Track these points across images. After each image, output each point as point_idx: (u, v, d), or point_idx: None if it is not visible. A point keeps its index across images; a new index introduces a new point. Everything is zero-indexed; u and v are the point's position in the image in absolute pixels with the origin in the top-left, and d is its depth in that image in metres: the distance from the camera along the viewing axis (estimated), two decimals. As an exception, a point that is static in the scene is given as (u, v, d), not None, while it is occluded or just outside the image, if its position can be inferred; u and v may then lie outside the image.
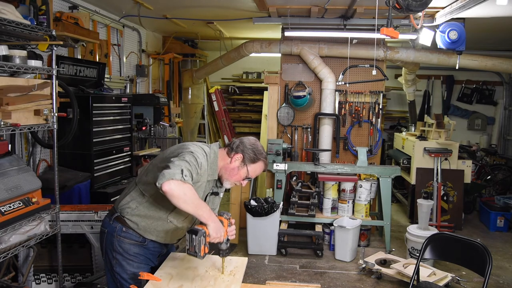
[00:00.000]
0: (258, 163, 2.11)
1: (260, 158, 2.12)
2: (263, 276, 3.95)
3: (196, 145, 2.05)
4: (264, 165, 2.16)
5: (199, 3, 4.48)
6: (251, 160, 2.10)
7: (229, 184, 2.14)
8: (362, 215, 4.84)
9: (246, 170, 2.10)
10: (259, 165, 2.12)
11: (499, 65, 5.15)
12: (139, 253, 2.10)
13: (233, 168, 2.09)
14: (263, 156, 2.13)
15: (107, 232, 2.11)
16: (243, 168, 2.10)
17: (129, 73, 5.53)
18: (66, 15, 3.82)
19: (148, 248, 2.13)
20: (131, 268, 2.10)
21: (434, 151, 5.31)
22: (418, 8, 2.99)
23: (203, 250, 1.84)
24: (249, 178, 2.14)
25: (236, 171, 2.10)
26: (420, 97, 7.70)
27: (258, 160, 2.11)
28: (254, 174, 2.14)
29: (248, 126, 7.88)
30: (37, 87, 2.82)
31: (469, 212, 6.07)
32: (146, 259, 2.13)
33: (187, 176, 1.84)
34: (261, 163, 2.14)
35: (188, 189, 1.81)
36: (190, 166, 1.89)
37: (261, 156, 2.13)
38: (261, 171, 2.17)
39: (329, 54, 5.18)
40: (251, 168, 2.10)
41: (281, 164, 4.74)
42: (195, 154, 1.96)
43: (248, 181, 2.17)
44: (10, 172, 2.69)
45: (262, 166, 2.15)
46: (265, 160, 2.15)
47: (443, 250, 2.82)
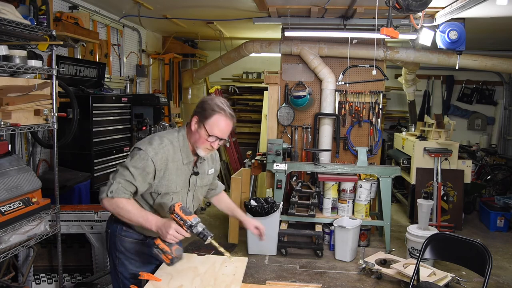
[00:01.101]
0: (213, 117, 1.94)
1: (215, 111, 1.94)
2: (263, 276, 3.95)
3: (152, 140, 1.97)
4: (223, 117, 1.95)
5: (199, 3, 4.48)
6: (204, 116, 1.95)
7: (201, 152, 2.01)
8: (362, 215, 4.84)
9: (204, 128, 1.95)
10: (215, 118, 1.94)
11: (499, 65, 5.15)
12: (140, 251, 2.09)
13: (193, 133, 1.99)
14: (219, 108, 1.95)
15: (110, 232, 2.11)
16: (201, 128, 1.96)
17: (129, 73, 5.53)
18: (66, 15, 3.82)
19: (150, 245, 2.09)
20: (133, 267, 2.09)
21: (434, 151, 5.32)
22: (418, 8, 2.99)
23: (166, 257, 1.85)
24: (217, 138, 1.97)
25: (197, 135, 1.98)
26: (420, 97, 7.70)
27: (213, 114, 1.94)
28: (218, 131, 1.96)
29: (248, 126, 7.88)
30: (37, 87, 2.82)
31: (469, 212, 6.07)
32: (149, 257, 2.11)
33: (115, 190, 1.87)
34: (218, 116, 1.94)
35: (116, 205, 1.88)
36: (124, 177, 1.90)
37: (217, 108, 1.95)
38: (226, 126, 1.98)
39: (329, 54, 5.18)
40: (208, 125, 1.94)
41: (281, 164, 4.74)
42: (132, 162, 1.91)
43: (218, 141, 2.00)
44: (10, 172, 2.70)
45: (220, 119, 1.95)
46: (223, 111, 1.95)
47: (443, 250, 2.82)
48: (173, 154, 1.98)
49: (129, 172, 1.91)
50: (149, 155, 1.92)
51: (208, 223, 5.62)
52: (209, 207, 6.34)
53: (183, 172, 2.04)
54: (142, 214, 1.90)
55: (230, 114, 1.99)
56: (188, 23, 5.59)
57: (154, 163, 1.92)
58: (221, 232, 5.20)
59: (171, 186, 2.01)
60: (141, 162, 1.92)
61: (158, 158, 1.93)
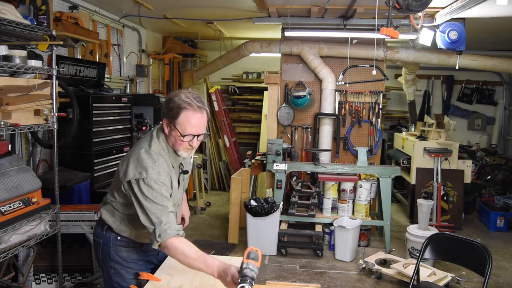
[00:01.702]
0: (181, 115, 1.77)
1: (181, 108, 1.77)
2: (263, 276, 3.95)
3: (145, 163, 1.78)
4: (191, 112, 1.77)
5: (199, 3, 4.48)
6: (172, 116, 1.79)
7: (182, 154, 1.88)
8: (362, 215, 4.84)
9: (176, 129, 1.80)
10: (184, 116, 1.77)
11: (499, 65, 5.15)
12: (137, 258, 2.04)
13: (169, 136, 1.85)
14: (184, 103, 1.77)
15: (102, 243, 2.01)
16: (173, 130, 1.81)
17: (129, 73, 5.53)
18: (66, 15, 3.82)
19: (147, 251, 2.06)
20: (130, 276, 2.02)
21: (434, 151, 5.32)
22: (418, 8, 2.99)
23: None
24: (193, 135, 1.82)
25: (173, 138, 1.84)
26: (420, 97, 7.69)
27: (180, 112, 1.77)
28: (191, 129, 1.79)
29: (248, 126, 7.88)
30: (37, 87, 2.82)
31: (469, 212, 6.07)
32: (146, 263, 2.07)
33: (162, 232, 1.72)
34: (185, 113, 1.77)
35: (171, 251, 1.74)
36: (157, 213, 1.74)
37: (183, 104, 1.77)
38: (197, 120, 1.79)
39: (329, 54, 5.18)
40: (179, 125, 1.78)
41: (281, 164, 4.74)
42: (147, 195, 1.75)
43: (196, 138, 1.83)
44: (10, 172, 2.70)
45: (189, 115, 1.77)
46: (189, 106, 1.77)
47: (443, 250, 2.82)
48: (166, 164, 1.87)
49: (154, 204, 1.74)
50: (153, 178, 1.76)
51: (208, 223, 5.63)
52: (209, 207, 6.35)
53: (177, 176, 1.98)
54: (202, 258, 1.74)
55: (198, 107, 1.80)
56: (188, 23, 5.59)
57: (165, 184, 1.80)
58: (221, 232, 5.20)
59: (177, 196, 1.96)
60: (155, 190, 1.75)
61: (164, 179, 1.81)
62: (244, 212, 4.57)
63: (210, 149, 7.37)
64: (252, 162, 5.27)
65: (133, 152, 1.87)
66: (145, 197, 1.75)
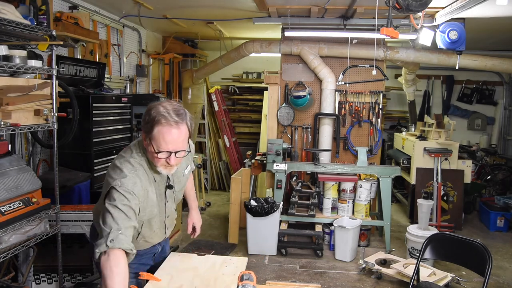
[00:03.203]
0: (155, 129, 1.66)
1: (156, 122, 1.65)
2: (263, 276, 3.95)
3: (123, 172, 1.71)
4: (166, 127, 1.64)
5: (199, 3, 4.48)
6: (147, 130, 1.69)
7: (161, 170, 1.78)
8: (362, 215, 4.84)
9: (151, 145, 1.70)
10: (157, 131, 1.65)
11: (499, 65, 5.15)
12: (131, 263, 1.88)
13: (147, 151, 1.76)
14: (160, 116, 1.65)
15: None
16: (149, 145, 1.71)
17: (129, 73, 5.53)
18: (66, 15, 3.82)
19: (140, 255, 2.00)
20: None
21: (434, 151, 5.32)
22: (418, 8, 2.99)
23: None
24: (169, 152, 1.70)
25: (150, 153, 1.74)
26: (420, 97, 7.69)
27: (154, 126, 1.66)
28: (165, 145, 1.67)
29: (248, 126, 7.88)
30: (37, 87, 2.82)
31: (469, 212, 6.07)
32: (139, 266, 2.03)
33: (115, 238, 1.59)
34: (159, 128, 1.65)
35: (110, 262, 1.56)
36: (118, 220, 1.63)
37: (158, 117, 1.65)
38: (173, 136, 1.66)
39: (329, 54, 5.18)
40: (153, 140, 1.68)
41: (281, 164, 4.74)
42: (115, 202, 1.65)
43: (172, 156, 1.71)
44: (10, 172, 2.70)
45: (163, 131, 1.65)
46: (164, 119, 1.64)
47: (443, 250, 2.82)
48: (147, 177, 1.80)
49: (120, 212, 1.64)
50: (128, 188, 1.68)
51: (208, 223, 5.63)
52: (209, 207, 6.35)
53: (159, 190, 1.90)
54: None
55: (175, 122, 1.66)
56: (188, 23, 5.59)
57: (138, 197, 1.71)
58: (221, 232, 5.20)
59: (152, 211, 1.87)
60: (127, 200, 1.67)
61: (137, 190, 1.72)
62: (244, 212, 4.57)
63: (210, 149, 7.37)
64: (252, 162, 5.27)
65: (115, 161, 1.80)
66: (114, 205, 1.65)
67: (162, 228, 2.05)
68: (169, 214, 2.05)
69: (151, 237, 2.02)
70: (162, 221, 2.03)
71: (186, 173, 2.06)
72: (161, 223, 2.02)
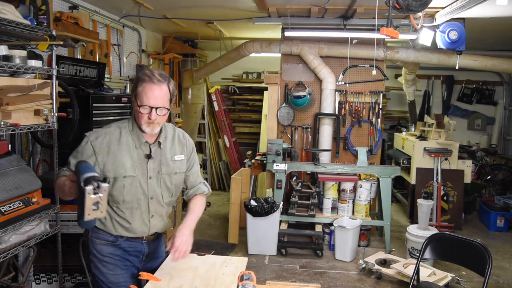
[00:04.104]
0: (140, 86, 1.86)
1: (141, 80, 1.86)
2: (263, 276, 3.95)
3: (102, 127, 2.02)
4: (149, 84, 1.84)
5: (199, 3, 4.48)
6: (134, 91, 1.89)
7: (145, 128, 1.91)
8: (362, 215, 4.84)
9: (135, 102, 1.88)
10: (141, 87, 1.85)
11: (499, 65, 5.15)
12: (113, 253, 2.01)
13: (135, 112, 1.92)
14: (144, 75, 1.86)
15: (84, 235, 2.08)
16: (134, 103, 1.90)
17: (129, 73, 5.53)
18: (66, 15, 3.82)
19: (123, 248, 2.03)
20: (107, 270, 2.01)
21: (434, 151, 5.32)
22: (418, 8, 2.99)
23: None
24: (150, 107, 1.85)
25: (135, 112, 1.92)
26: (420, 97, 7.69)
27: (139, 84, 1.86)
28: (146, 99, 1.84)
29: (248, 126, 7.88)
30: (37, 87, 2.82)
31: (469, 212, 6.07)
32: (123, 260, 2.04)
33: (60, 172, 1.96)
34: (143, 84, 1.85)
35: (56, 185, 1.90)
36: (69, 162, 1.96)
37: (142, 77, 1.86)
38: (154, 91, 1.84)
39: (329, 54, 5.18)
40: (137, 96, 1.87)
41: (281, 164, 4.74)
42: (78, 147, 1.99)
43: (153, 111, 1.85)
44: (10, 172, 2.69)
45: (146, 86, 1.84)
46: (148, 77, 1.84)
47: (443, 250, 2.82)
48: (119, 137, 1.94)
49: (72, 156, 1.96)
50: (89, 139, 1.95)
51: (208, 223, 5.63)
52: (209, 207, 6.35)
53: (137, 156, 1.95)
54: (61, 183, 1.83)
55: (158, 80, 1.85)
56: (188, 23, 5.59)
57: (93, 146, 1.93)
58: (221, 232, 5.20)
59: (118, 170, 1.92)
60: (81, 146, 1.96)
61: (97, 142, 1.93)
62: (244, 212, 4.57)
63: (210, 149, 7.37)
64: (252, 162, 5.27)
65: None
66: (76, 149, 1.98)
67: (145, 212, 2.00)
68: (153, 195, 2.00)
69: (130, 217, 1.98)
70: (145, 200, 1.98)
71: (176, 159, 2.05)
72: (140, 200, 1.97)
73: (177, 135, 2.09)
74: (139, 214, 2.00)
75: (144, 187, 1.97)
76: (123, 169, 1.92)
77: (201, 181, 2.20)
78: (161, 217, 2.09)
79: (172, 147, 2.05)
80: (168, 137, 2.05)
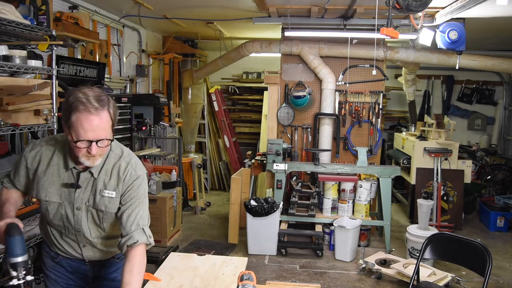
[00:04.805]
0: (73, 117, 1.53)
1: (73, 108, 1.53)
2: (263, 276, 3.95)
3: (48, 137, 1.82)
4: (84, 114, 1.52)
5: (199, 3, 4.48)
6: (65, 118, 1.57)
7: (85, 161, 1.63)
8: (362, 215, 4.84)
9: (70, 134, 1.57)
10: (75, 118, 1.53)
11: (499, 65, 5.15)
12: (54, 268, 1.87)
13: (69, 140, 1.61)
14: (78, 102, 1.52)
15: None
16: (68, 133, 1.59)
17: (129, 73, 5.53)
18: (66, 15, 3.82)
19: (63, 266, 1.86)
20: (49, 284, 1.89)
21: (434, 151, 5.32)
22: (418, 8, 3.00)
23: None
24: (89, 141, 1.56)
25: (70, 142, 1.60)
26: (420, 97, 7.69)
27: (72, 113, 1.53)
28: (84, 133, 1.54)
29: (248, 126, 7.88)
30: (37, 87, 2.82)
31: (469, 212, 6.07)
32: (65, 278, 1.87)
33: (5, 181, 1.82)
34: (77, 114, 1.52)
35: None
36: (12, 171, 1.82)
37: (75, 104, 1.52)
38: (92, 123, 1.53)
39: (329, 54, 5.18)
40: (72, 128, 1.55)
41: (281, 164, 4.74)
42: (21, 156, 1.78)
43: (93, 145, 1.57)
44: (10, 172, 2.69)
45: (80, 117, 1.52)
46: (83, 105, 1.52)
47: (443, 250, 2.82)
48: (51, 155, 1.71)
49: (12, 169, 1.81)
50: (24, 152, 1.75)
51: (208, 223, 5.63)
52: (209, 207, 6.35)
53: (66, 180, 1.71)
54: None
55: (95, 108, 1.53)
56: (188, 23, 5.59)
57: (25, 159, 1.73)
58: (221, 232, 5.20)
59: (40, 193, 1.71)
60: (17, 158, 1.80)
61: (30, 155, 1.72)
62: (244, 212, 4.57)
63: (210, 149, 7.38)
64: (252, 162, 5.27)
65: None
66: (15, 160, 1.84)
67: (74, 241, 1.80)
68: (79, 229, 1.74)
69: (61, 240, 1.82)
70: (72, 231, 1.76)
71: (106, 194, 1.71)
72: (68, 229, 1.76)
73: (118, 166, 1.73)
74: (69, 241, 1.80)
75: (70, 217, 1.72)
76: (45, 193, 1.71)
77: (136, 229, 1.69)
78: (95, 248, 1.82)
79: (106, 178, 1.72)
80: (106, 166, 1.72)
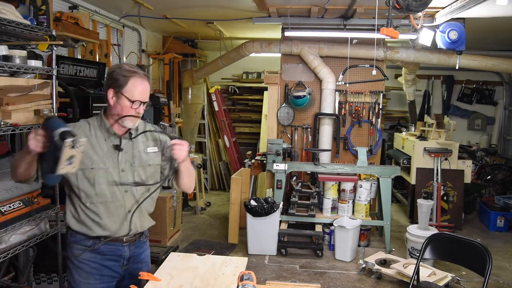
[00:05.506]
0: (129, 82, 1.84)
1: (128, 76, 1.84)
2: (263, 276, 3.95)
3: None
4: (139, 79, 1.86)
5: (199, 3, 4.48)
6: (119, 85, 1.84)
7: (128, 123, 1.89)
8: (362, 215, 4.84)
9: (124, 97, 1.84)
10: (132, 83, 1.84)
11: (499, 65, 5.15)
12: (90, 259, 1.92)
13: (114, 107, 1.86)
14: (130, 72, 1.85)
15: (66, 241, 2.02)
16: (121, 98, 1.84)
17: (129, 73, 5.52)
18: (66, 15, 3.82)
19: (101, 253, 1.92)
20: (80, 277, 1.92)
21: (434, 151, 5.32)
22: (418, 8, 3.00)
23: None
24: (140, 102, 1.87)
25: (119, 107, 1.85)
26: (420, 97, 7.70)
27: (128, 79, 1.84)
28: (139, 95, 1.86)
29: (248, 126, 7.89)
30: (37, 87, 2.82)
31: (469, 212, 6.07)
32: (100, 268, 1.93)
33: None
34: (133, 80, 1.85)
35: None
36: None
37: (129, 73, 1.85)
38: (144, 87, 1.88)
39: (329, 54, 5.18)
40: (127, 92, 1.83)
41: (281, 164, 4.74)
42: None
43: (141, 106, 1.89)
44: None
45: (137, 82, 1.85)
46: (136, 74, 1.86)
47: (443, 250, 2.82)
48: (88, 131, 1.90)
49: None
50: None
51: (208, 223, 5.63)
52: (209, 207, 6.35)
53: (106, 149, 1.90)
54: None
55: (144, 74, 1.90)
56: (188, 23, 5.59)
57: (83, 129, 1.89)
58: (221, 232, 5.20)
59: (84, 162, 1.83)
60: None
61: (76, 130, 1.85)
62: (244, 212, 4.57)
63: (210, 149, 7.37)
64: (252, 162, 5.27)
65: None
66: None
67: (121, 207, 1.92)
68: (127, 188, 1.93)
69: (106, 212, 1.89)
70: (120, 194, 1.91)
71: (149, 151, 2.00)
72: (115, 193, 1.90)
73: (149, 128, 2.05)
74: (115, 209, 1.91)
75: (116, 179, 1.90)
76: (90, 161, 1.86)
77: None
78: (140, 212, 1.98)
79: (143, 139, 2.01)
80: (140, 130, 2.00)
